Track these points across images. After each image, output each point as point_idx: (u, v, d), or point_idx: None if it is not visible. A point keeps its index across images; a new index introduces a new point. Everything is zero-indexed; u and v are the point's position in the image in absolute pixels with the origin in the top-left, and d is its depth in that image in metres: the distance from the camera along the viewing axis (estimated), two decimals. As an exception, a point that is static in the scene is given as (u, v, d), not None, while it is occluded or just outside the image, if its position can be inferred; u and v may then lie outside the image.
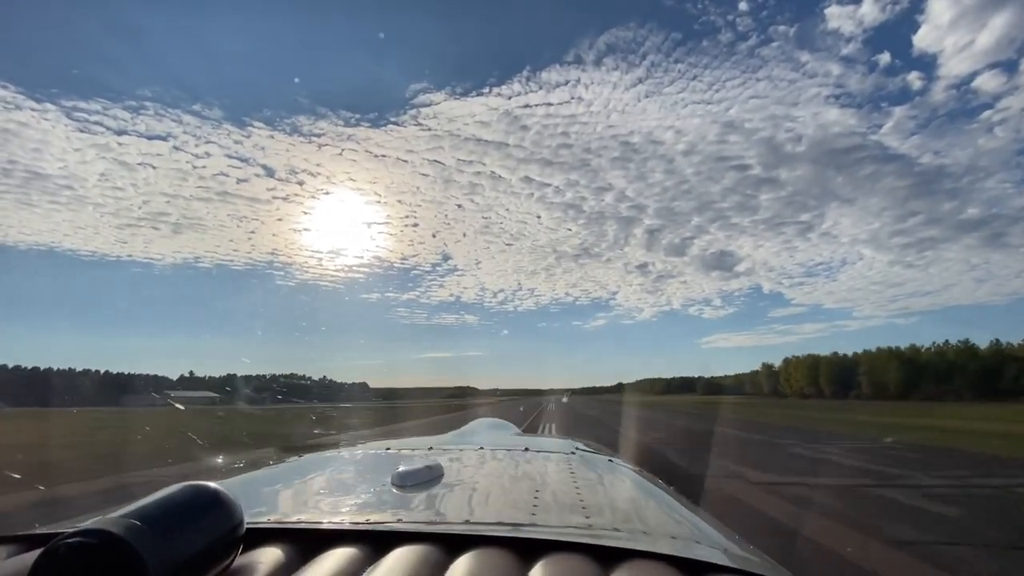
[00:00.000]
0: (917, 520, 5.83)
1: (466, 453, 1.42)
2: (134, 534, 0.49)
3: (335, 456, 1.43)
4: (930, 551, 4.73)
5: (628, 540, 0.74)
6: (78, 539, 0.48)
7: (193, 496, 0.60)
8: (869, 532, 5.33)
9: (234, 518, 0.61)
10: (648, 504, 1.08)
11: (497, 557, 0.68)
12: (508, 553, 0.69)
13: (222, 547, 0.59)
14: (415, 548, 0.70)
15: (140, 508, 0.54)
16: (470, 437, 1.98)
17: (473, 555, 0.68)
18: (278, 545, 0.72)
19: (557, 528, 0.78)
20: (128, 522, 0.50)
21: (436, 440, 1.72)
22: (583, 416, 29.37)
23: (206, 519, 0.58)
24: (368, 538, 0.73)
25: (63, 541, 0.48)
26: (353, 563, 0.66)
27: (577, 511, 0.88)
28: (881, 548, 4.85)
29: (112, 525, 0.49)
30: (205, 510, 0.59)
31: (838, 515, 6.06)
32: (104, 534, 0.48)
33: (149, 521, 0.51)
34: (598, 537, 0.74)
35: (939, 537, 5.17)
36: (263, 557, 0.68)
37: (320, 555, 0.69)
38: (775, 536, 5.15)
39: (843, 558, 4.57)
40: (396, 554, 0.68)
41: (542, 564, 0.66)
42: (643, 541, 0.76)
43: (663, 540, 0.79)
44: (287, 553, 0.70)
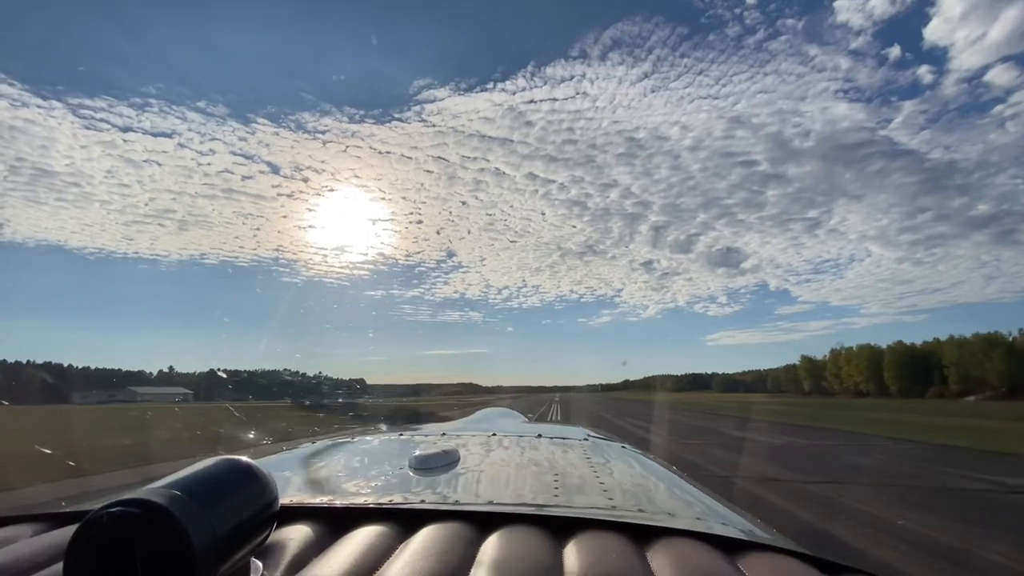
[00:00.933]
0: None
1: (479, 439, 1.44)
2: (178, 505, 0.48)
3: (351, 442, 1.45)
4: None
5: (655, 519, 0.74)
6: (120, 509, 0.46)
7: (231, 469, 0.58)
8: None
9: (269, 494, 0.60)
10: (667, 487, 1.09)
11: (528, 535, 0.67)
12: (540, 531, 0.69)
13: (259, 522, 0.58)
14: (445, 526, 0.70)
15: (180, 480, 0.53)
16: (481, 424, 2.01)
17: (504, 532, 0.68)
18: (308, 523, 0.73)
19: (582, 508, 0.78)
20: (171, 493, 0.49)
21: (448, 426, 1.79)
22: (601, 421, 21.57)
23: (244, 493, 0.57)
24: (396, 517, 0.75)
25: (105, 511, 0.47)
26: (384, 540, 0.67)
27: (599, 493, 0.89)
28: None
29: (154, 495, 0.48)
30: (243, 484, 0.58)
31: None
32: (147, 504, 0.47)
33: (190, 492, 0.50)
34: (625, 516, 0.75)
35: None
36: (294, 534, 0.69)
37: (350, 533, 0.70)
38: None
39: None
40: (425, 532, 0.69)
41: (575, 542, 0.65)
42: (670, 521, 0.75)
43: (688, 520, 0.78)
44: (317, 531, 0.71)
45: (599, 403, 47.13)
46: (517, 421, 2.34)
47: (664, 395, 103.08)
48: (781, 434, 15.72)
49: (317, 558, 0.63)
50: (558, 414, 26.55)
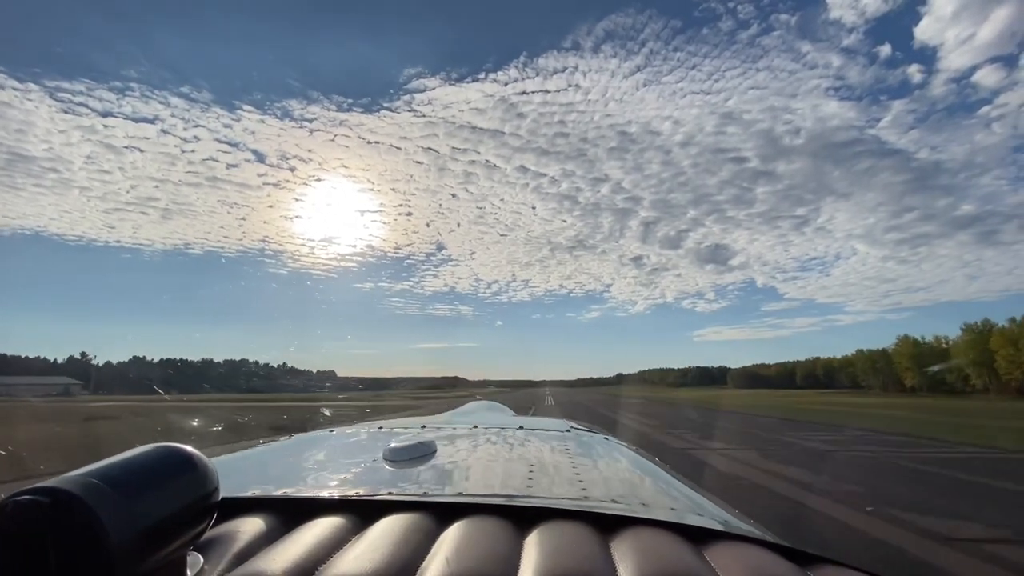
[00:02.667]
0: None
1: (460, 431, 1.41)
2: (92, 493, 0.44)
3: (326, 435, 1.41)
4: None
5: (626, 510, 0.73)
6: (28, 497, 0.43)
7: (164, 457, 0.54)
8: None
9: (208, 484, 0.56)
10: (645, 479, 1.06)
11: (491, 524, 0.66)
12: (503, 521, 0.67)
13: (194, 514, 0.54)
14: (404, 516, 0.68)
15: (103, 467, 0.49)
16: (465, 417, 1.94)
17: (466, 523, 0.66)
18: (259, 515, 0.69)
19: (553, 499, 0.77)
20: (87, 480, 0.46)
21: (430, 419, 1.73)
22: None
23: (177, 483, 0.53)
24: (354, 508, 0.71)
25: (11, 499, 0.44)
26: (338, 532, 0.64)
27: (573, 484, 0.87)
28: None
29: (68, 484, 0.45)
30: (176, 473, 0.53)
31: None
32: (58, 492, 0.43)
33: (111, 481, 0.47)
34: (596, 507, 0.73)
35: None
36: (243, 527, 0.65)
37: (303, 525, 0.66)
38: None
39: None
40: (384, 523, 0.66)
41: (539, 531, 0.64)
42: (641, 511, 0.74)
43: (662, 511, 0.77)
44: (269, 523, 0.68)
45: (608, 405, 32.37)
46: (503, 415, 2.30)
47: (684, 393, 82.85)
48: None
49: (264, 550, 0.59)
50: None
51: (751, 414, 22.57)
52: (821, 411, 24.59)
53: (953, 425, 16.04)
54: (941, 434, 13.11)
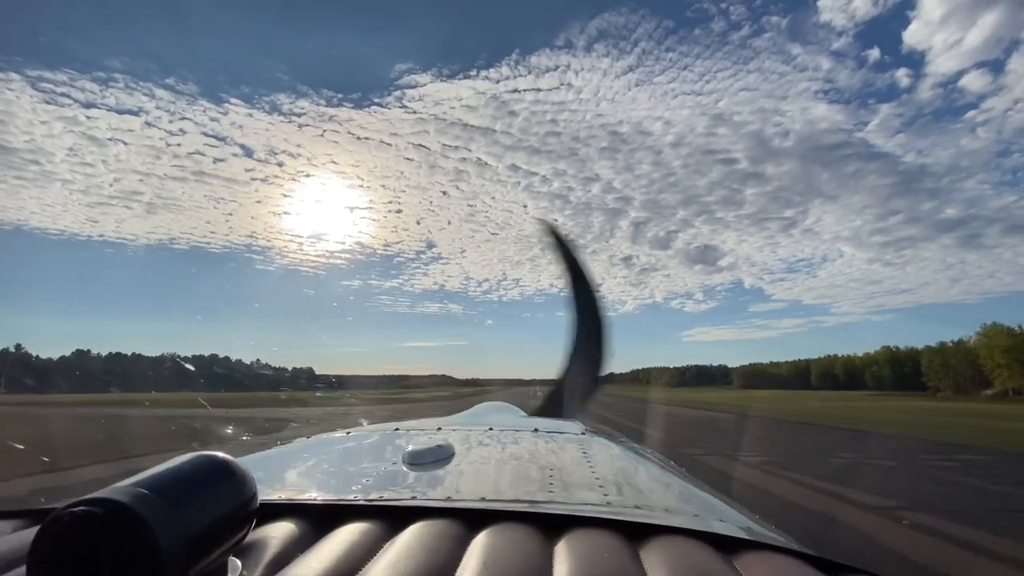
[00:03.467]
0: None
1: (475, 433, 1.39)
2: (143, 503, 0.46)
3: (343, 437, 1.40)
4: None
5: (652, 517, 0.73)
6: (83, 508, 0.45)
7: (206, 466, 0.56)
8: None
9: (247, 491, 0.58)
10: (664, 483, 1.06)
11: (519, 532, 0.66)
12: (530, 528, 0.68)
13: (235, 520, 0.56)
14: (433, 523, 0.69)
15: (150, 477, 0.51)
16: (477, 418, 1.93)
17: (494, 530, 0.66)
18: (292, 520, 0.71)
19: (577, 505, 0.76)
20: (137, 491, 0.47)
21: (444, 421, 1.72)
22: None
23: (219, 491, 0.55)
24: (384, 514, 0.73)
25: (67, 510, 0.45)
26: (369, 538, 0.65)
27: (594, 489, 0.86)
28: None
29: (119, 494, 0.46)
30: (218, 481, 0.55)
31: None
32: (111, 503, 0.45)
33: (159, 491, 0.48)
34: (620, 514, 0.73)
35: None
36: (277, 532, 0.67)
37: (335, 530, 0.68)
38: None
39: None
40: (413, 529, 0.67)
41: (567, 539, 0.64)
42: (666, 518, 0.74)
43: (686, 517, 0.76)
44: (301, 528, 0.69)
45: (616, 411, 25.15)
46: (514, 415, 2.32)
47: (687, 394, 74.68)
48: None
49: (300, 556, 0.61)
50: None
51: (840, 427, 15.76)
52: (967, 427, 13.45)
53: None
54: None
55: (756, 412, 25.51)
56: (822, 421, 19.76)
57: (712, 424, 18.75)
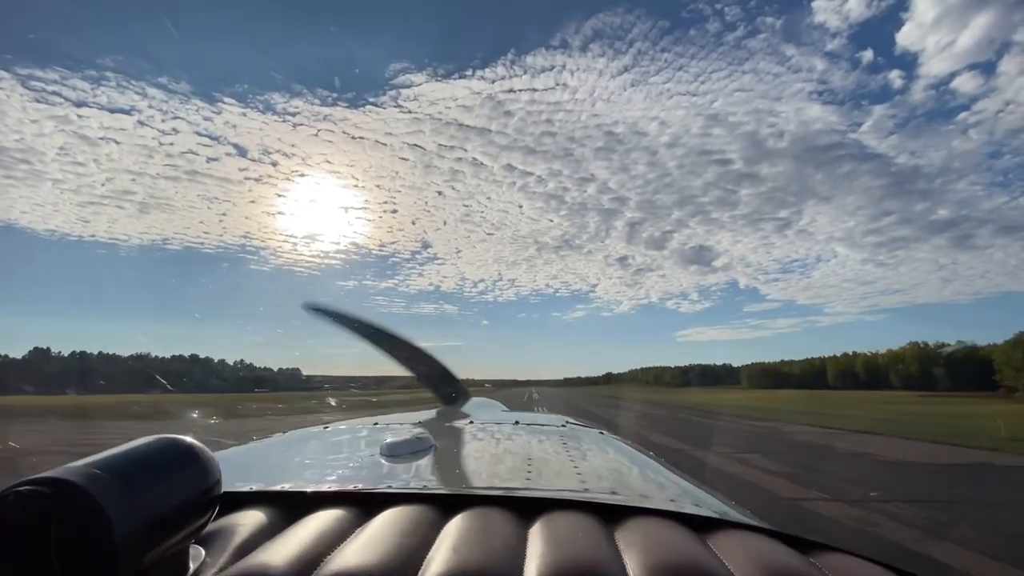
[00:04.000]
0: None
1: (456, 426, 1.40)
2: (95, 483, 0.43)
3: (321, 431, 1.40)
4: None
5: (627, 501, 0.74)
6: (31, 487, 0.42)
7: (167, 448, 0.54)
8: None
9: (211, 477, 0.56)
10: (643, 471, 1.07)
11: (494, 515, 0.66)
12: (506, 512, 0.67)
13: (197, 506, 0.54)
14: (407, 509, 0.67)
15: (107, 457, 0.49)
16: (460, 413, 1.95)
17: (469, 514, 0.66)
18: (259, 508, 0.69)
19: (553, 491, 0.77)
20: (90, 471, 0.45)
21: (424, 415, 1.73)
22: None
23: (180, 474, 0.53)
24: (356, 500, 0.71)
25: (13, 489, 0.43)
26: (340, 525, 0.63)
27: (572, 476, 0.88)
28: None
29: (71, 474, 0.44)
30: (179, 465, 0.53)
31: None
32: (62, 483, 0.43)
33: (115, 471, 0.46)
34: (596, 498, 0.73)
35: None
36: (243, 520, 0.65)
37: (304, 517, 0.66)
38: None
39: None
40: (386, 515, 0.66)
41: (542, 521, 0.64)
42: (642, 502, 0.75)
43: (662, 501, 0.78)
44: (269, 516, 0.67)
45: (632, 416, 22.33)
46: (498, 411, 2.27)
47: (697, 396, 63.98)
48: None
49: (267, 543, 0.59)
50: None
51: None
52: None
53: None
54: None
55: (833, 424, 17.29)
56: (966, 441, 11.88)
57: (700, 426, 12.26)
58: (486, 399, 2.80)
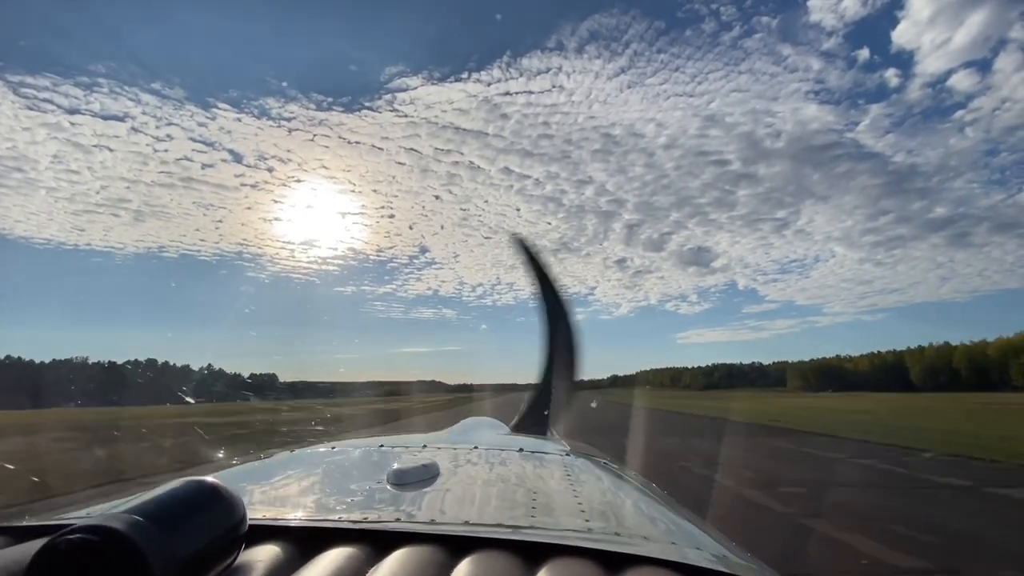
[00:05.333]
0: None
1: (460, 452, 1.38)
2: (138, 531, 0.46)
3: (327, 452, 1.37)
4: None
5: (629, 545, 0.75)
6: (80, 536, 0.45)
7: (196, 492, 0.57)
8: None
9: (236, 515, 0.59)
10: (646, 508, 1.07)
11: (499, 560, 0.68)
12: (511, 557, 0.69)
13: (226, 544, 0.57)
14: (416, 549, 0.70)
15: (142, 504, 0.52)
16: (462, 436, 1.91)
17: (475, 558, 0.68)
18: (278, 543, 0.72)
19: (557, 532, 0.78)
20: (131, 518, 0.48)
21: (429, 438, 1.69)
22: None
23: (209, 515, 0.56)
24: (369, 538, 0.74)
25: (64, 537, 0.45)
26: (354, 563, 0.66)
27: (576, 514, 0.88)
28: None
29: (115, 521, 0.47)
30: (208, 506, 0.57)
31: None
32: (107, 531, 0.45)
33: (152, 517, 0.49)
34: (598, 541, 0.74)
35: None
36: (263, 555, 0.68)
37: (321, 554, 0.68)
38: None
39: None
40: (398, 555, 0.68)
41: (546, 569, 0.66)
42: (643, 547, 0.75)
43: (663, 546, 0.78)
44: (288, 551, 0.70)
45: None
46: (499, 432, 2.25)
47: (751, 404, 48.73)
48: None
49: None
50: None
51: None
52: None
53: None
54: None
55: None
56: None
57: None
58: (487, 419, 2.67)
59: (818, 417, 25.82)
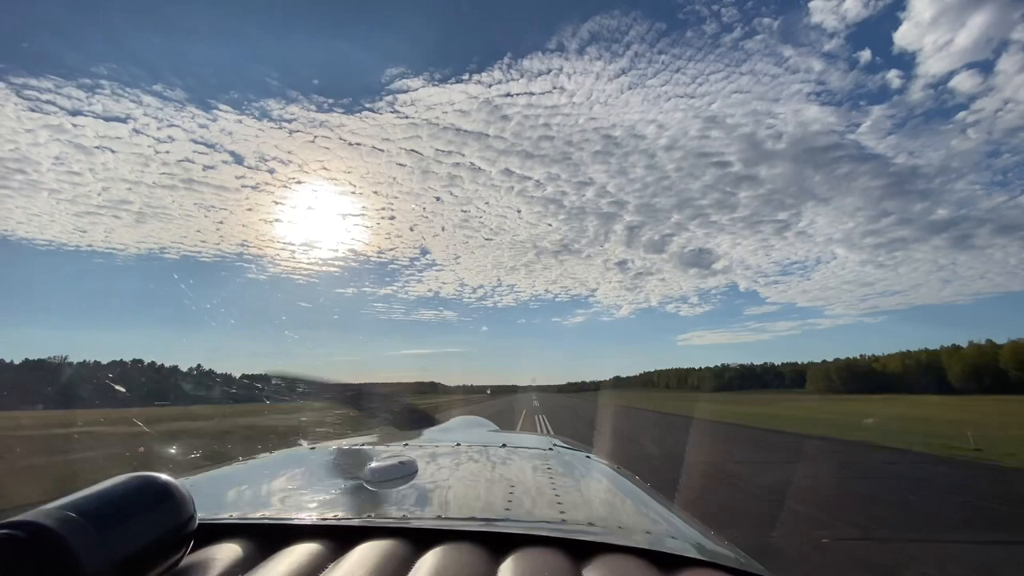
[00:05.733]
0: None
1: (442, 449, 1.37)
2: (68, 527, 0.44)
3: (305, 453, 1.34)
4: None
5: (602, 535, 0.73)
6: (4, 532, 0.43)
7: (139, 488, 0.54)
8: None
9: (184, 512, 0.57)
10: (624, 500, 1.05)
11: (468, 552, 0.65)
12: (479, 548, 0.67)
13: (169, 543, 0.54)
14: (382, 543, 0.67)
15: (78, 499, 0.49)
16: (447, 434, 1.85)
17: (443, 549, 0.66)
18: (234, 541, 0.68)
19: (530, 523, 0.76)
20: (62, 514, 0.45)
21: (413, 437, 1.67)
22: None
23: (153, 513, 0.53)
24: (332, 533, 0.70)
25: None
26: (315, 559, 0.63)
27: (552, 506, 0.86)
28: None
29: (43, 517, 0.44)
30: (152, 503, 0.54)
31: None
32: (32, 527, 0.43)
33: (86, 514, 0.46)
34: (571, 532, 0.73)
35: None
36: (216, 554, 0.64)
37: (279, 551, 0.65)
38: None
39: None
40: (361, 549, 0.65)
41: (513, 558, 0.64)
42: (616, 535, 0.74)
43: (637, 534, 0.77)
44: (244, 549, 0.66)
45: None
46: (486, 431, 2.22)
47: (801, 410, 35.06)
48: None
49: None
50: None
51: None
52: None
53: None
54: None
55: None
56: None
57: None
58: (475, 417, 2.75)
59: (914, 428, 17.11)
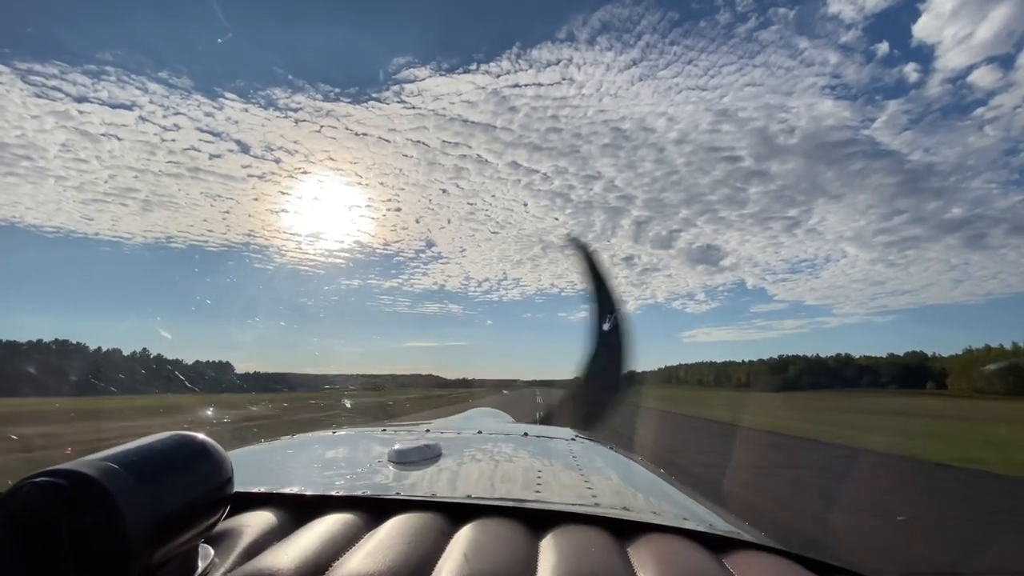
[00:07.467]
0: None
1: (464, 435, 1.40)
2: (110, 477, 0.43)
3: (330, 436, 1.39)
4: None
5: (639, 516, 0.72)
6: (45, 479, 0.42)
7: (182, 445, 0.54)
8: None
9: (223, 474, 0.56)
10: (653, 487, 1.07)
11: (505, 527, 0.65)
12: (515, 524, 0.66)
13: (209, 504, 0.54)
14: (417, 515, 0.67)
15: (121, 452, 0.49)
16: (467, 423, 1.97)
17: (479, 524, 0.65)
18: (269, 509, 0.69)
19: (564, 503, 0.75)
20: (105, 464, 0.45)
21: (433, 424, 1.71)
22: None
23: (194, 472, 0.53)
24: (366, 506, 0.71)
25: (28, 481, 0.43)
26: (349, 529, 0.62)
27: (582, 490, 0.85)
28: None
29: (86, 467, 0.44)
30: (194, 462, 0.53)
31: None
32: (75, 475, 0.42)
33: (128, 465, 0.46)
34: (608, 512, 0.71)
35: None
36: (252, 520, 0.65)
37: (313, 520, 0.65)
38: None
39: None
40: (395, 521, 0.65)
41: (553, 535, 0.63)
42: (654, 518, 0.72)
43: (674, 519, 0.75)
44: (279, 518, 0.67)
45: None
46: (504, 421, 2.31)
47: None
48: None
49: (275, 544, 0.58)
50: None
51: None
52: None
53: None
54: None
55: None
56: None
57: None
58: (491, 409, 2.83)
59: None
